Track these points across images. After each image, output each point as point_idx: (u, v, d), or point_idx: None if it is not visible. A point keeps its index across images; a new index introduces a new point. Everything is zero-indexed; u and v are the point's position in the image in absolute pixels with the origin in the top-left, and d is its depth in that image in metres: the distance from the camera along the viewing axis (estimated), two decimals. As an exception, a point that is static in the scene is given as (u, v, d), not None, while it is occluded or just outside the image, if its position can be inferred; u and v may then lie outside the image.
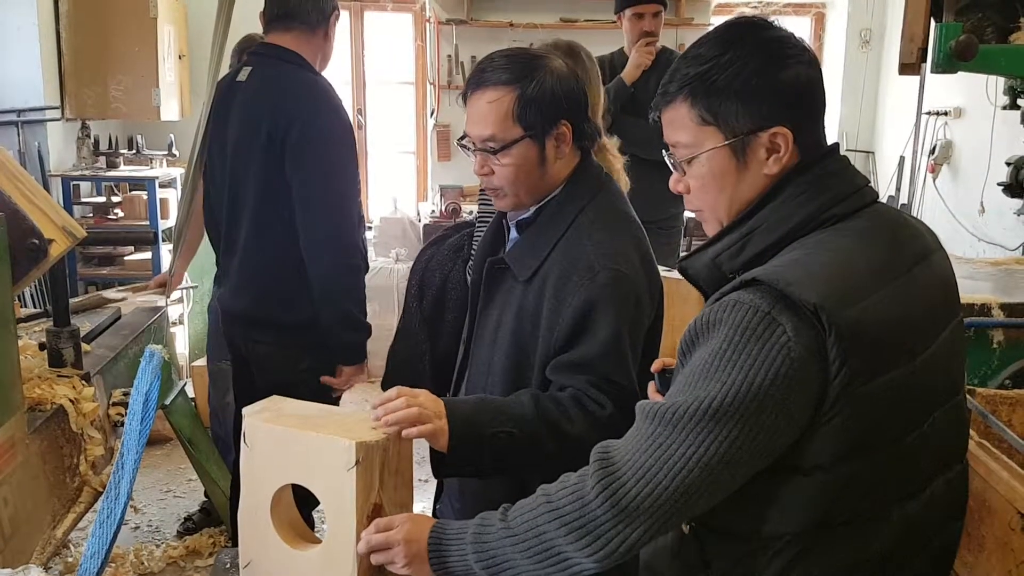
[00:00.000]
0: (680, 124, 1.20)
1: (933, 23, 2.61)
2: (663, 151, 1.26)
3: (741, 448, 1.05)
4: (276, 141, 2.38)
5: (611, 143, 2.27)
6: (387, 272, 5.12)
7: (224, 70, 2.82)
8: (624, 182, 2.17)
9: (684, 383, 1.09)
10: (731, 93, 1.15)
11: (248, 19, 2.55)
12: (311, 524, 1.84)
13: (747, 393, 1.03)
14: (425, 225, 5.31)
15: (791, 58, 1.16)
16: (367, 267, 2.60)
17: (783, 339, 1.03)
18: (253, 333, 2.57)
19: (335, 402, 2.60)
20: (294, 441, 1.36)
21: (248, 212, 2.48)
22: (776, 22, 1.21)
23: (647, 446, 1.09)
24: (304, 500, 1.45)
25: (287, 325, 2.50)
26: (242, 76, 2.51)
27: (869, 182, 1.23)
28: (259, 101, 2.44)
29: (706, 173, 1.20)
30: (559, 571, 1.16)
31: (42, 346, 2.06)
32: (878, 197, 1.24)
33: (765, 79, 1.14)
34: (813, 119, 1.20)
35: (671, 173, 1.26)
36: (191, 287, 4.13)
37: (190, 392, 3.82)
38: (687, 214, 3.79)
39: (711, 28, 1.27)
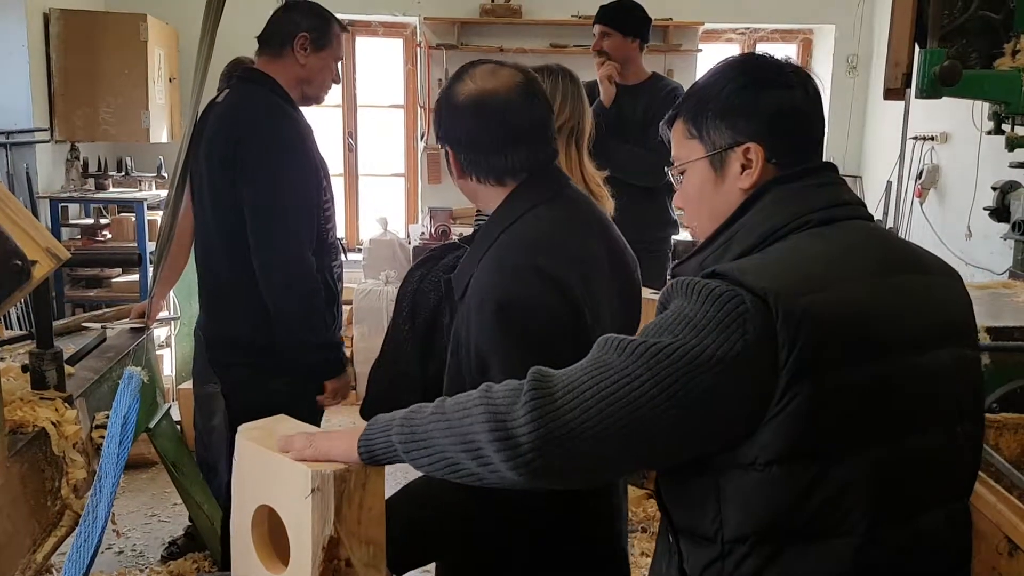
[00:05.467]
0: (676, 140, 1.32)
1: (917, 49, 2.64)
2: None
3: (669, 401, 1.04)
4: (228, 162, 2.38)
5: (595, 169, 2.27)
6: (376, 294, 5.12)
7: (212, 93, 2.83)
8: (609, 206, 2.17)
9: (643, 330, 1.12)
10: (714, 110, 1.25)
11: (235, 43, 2.56)
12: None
13: (691, 354, 1.04)
14: (415, 247, 5.32)
15: (774, 82, 1.23)
16: (334, 292, 2.57)
17: (742, 308, 1.05)
18: (224, 355, 2.58)
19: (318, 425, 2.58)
20: (265, 462, 1.35)
21: (211, 234, 2.49)
22: (772, 55, 1.29)
23: (585, 364, 1.10)
24: None
25: (256, 347, 2.48)
26: (219, 98, 2.53)
27: (862, 203, 1.27)
28: (219, 122, 2.45)
29: (690, 186, 1.30)
30: (472, 462, 1.11)
31: (25, 368, 2.04)
32: (871, 217, 1.27)
33: (744, 98, 1.23)
34: (794, 139, 1.25)
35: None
36: (174, 318, 4.10)
37: (176, 415, 3.79)
38: (675, 237, 3.80)
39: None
